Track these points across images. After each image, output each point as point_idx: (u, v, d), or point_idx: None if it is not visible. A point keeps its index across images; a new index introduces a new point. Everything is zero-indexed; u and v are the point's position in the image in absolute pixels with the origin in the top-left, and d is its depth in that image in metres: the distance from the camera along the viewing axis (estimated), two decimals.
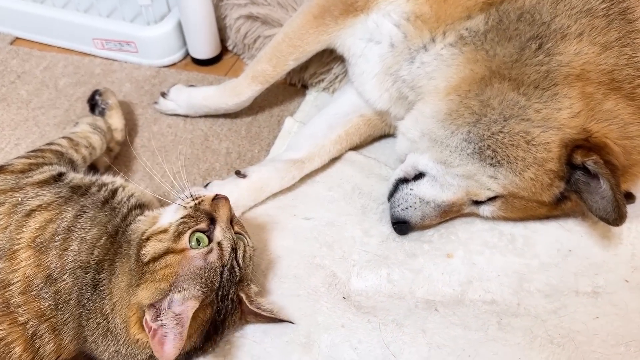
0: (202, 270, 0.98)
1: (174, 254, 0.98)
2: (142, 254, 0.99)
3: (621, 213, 1.10)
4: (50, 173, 1.13)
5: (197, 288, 0.96)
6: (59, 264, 1.00)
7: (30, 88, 1.74)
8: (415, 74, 1.29)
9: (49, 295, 0.99)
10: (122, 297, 0.99)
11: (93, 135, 1.34)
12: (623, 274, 1.24)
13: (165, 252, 0.98)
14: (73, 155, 1.25)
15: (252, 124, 1.64)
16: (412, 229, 1.30)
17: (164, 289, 0.95)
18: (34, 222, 1.02)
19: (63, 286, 1.00)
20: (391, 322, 1.14)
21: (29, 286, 0.99)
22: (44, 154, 1.21)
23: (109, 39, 1.80)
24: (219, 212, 1.05)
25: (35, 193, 1.07)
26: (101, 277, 1.02)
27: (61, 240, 1.02)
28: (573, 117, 1.11)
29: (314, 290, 1.20)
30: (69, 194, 1.09)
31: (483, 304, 1.19)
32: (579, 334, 1.13)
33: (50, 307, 1.00)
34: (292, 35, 1.44)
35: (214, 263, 0.99)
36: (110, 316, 0.99)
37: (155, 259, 0.97)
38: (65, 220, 1.04)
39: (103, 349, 1.00)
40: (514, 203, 1.21)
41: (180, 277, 0.96)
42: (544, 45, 1.14)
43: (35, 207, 1.04)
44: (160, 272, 0.96)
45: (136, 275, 0.98)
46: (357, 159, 1.49)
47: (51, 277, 1.00)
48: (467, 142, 1.17)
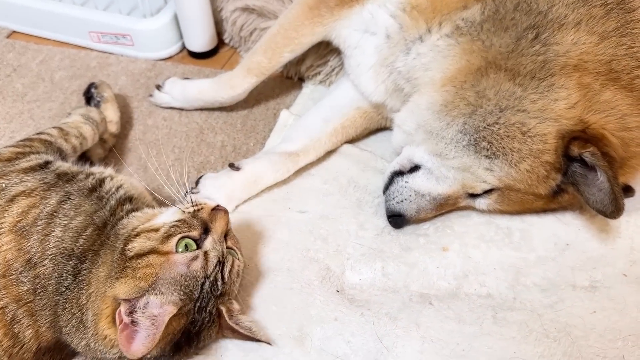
0: (183, 278, 0.95)
1: (158, 254, 0.95)
2: (128, 249, 0.97)
3: (619, 206, 1.08)
4: (36, 161, 1.13)
5: (176, 294, 0.93)
6: (39, 249, 1.00)
7: (26, 81, 1.73)
8: (411, 65, 1.28)
9: (28, 280, 0.99)
10: (99, 287, 0.96)
11: (84, 125, 1.33)
12: (621, 267, 1.22)
13: (150, 251, 0.96)
14: (62, 144, 1.24)
15: (247, 117, 1.63)
16: (408, 223, 1.28)
17: (143, 287, 0.92)
18: (17, 207, 1.03)
19: (43, 271, 1.00)
20: (385, 316, 1.13)
21: (9, 270, 0.99)
22: (32, 142, 1.20)
23: (105, 32, 1.79)
24: (215, 224, 1.02)
25: (19, 179, 1.07)
26: (83, 266, 1.00)
27: (43, 225, 1.01)
28: (570, 108, 1.09)
29: (307, 284, 1.19)
30: (54, 179, 1.09)
31: (478, 297, 1.18)
32: (576, 328, 1.12)
33: (29, 291, 0.99)
34: (287, 26, 1.42)
35: (197, 272, 0.96)
36: (85, 307, 0.97)
37: (139, 256, 0.95)
38: (48, 205, 1.04)
39: (77, 342, 0.98)
40: (510, 196, 1.19)
41: (160, 280, 0.93)
42: (541, 35, 1.13)
43: (19, 193, 1.05)
44: (141, 270, 0.94)
45: (117, 268, 0.95)
46: (353, 152, 1.48)
47: (31, 262, 0.99)
48: (463, 133, 1.16)
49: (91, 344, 0.96)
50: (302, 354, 1.08)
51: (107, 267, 0.98)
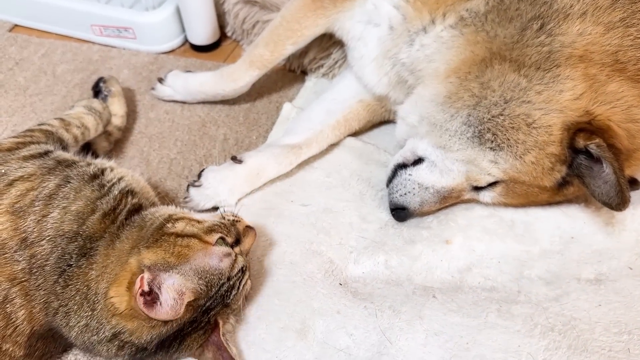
0: (211, 270, 0.98)
1: (200, 241, 1.00)
2: (168, 226, 1.01)
3: (624, 198, 1.07)
4: (36, 150, 1.13)
5: (198, 283, 0.96)
6: (36, 229, 1.00)
7: (28, 75, 1.72)
8: (415, 57, 1.26)
9: (23, 259, 0.99)
10: (120, 258, 0.98)
11: (87, 116, 1.33)
12: (627, 261, 1.21)
13: (192, 235, 1.00)
14: (63, 134, 1.24)
15: (250, 110, 1.62)
16: (411, 216, 1.27)
17: (171, 263, 0.95)
18: (15, 190, 1.03)
19: (40, 251, 1.00)
20: (388, 309, 1.12)
21: (3, 248, 0.99)
22: (33, 133, 1.20)
23: (107, 25, 1.78)
24: (246, 239, 1.10)
25: (18, 165, 1.08)
26: (97, 244, 1.01)
27: (41, 207, 1.02)
28: (575, 99, 1.08)
29: (310, 277, 1.19)
30: (53, 164, 1.09)
31: (482, 290, 1.17)
32: (581, 321, 1.11)
33: (24, 270, 0.99)
34: (289, 18, 1.41)
35: (224, 270, 0.99)
36: (95, 281, 0.97)
37: (178, 235, 0.99)
38: (46, 188, 1.04)
39: (74, 323, 0.98)
40: (514, 188, 1.18)
41: (191, 264, 0.96)
42: (546, 25, 1.11)
43: (18, 178, 1.05)
44: (178, 247, 0.97)
45: (150, 239, 0.98)
46: (356, 145, 1.47)
47: (27, 241, 0.99)
48: (467, 125, 1.15)
49: (92, 323, 0.96)
50: (305, 347, 1.07)
51: (132, 241, 1.00)
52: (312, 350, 1.07)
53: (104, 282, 0.97)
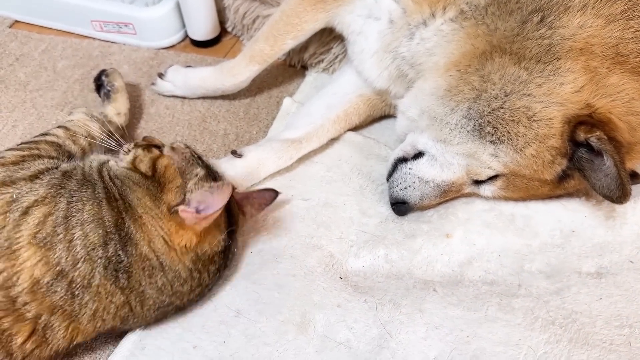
0: (184, 157, 1.09)
1: (160, 158, 1.08)
2: (144, 172, 1.06)
3: (625, 191, 1.07)
4: (46, 166, 1.08)
5: (197, 167, 1.08)
6: (69, 257, 0.97)
7: (29, 70, 1.72)
8: (415, 50, 1.26)
9: (62, 288, 0.97)
10: (155, 216, 1.03)
11: (91, 122, 1.27)
12: (628, 254, 1.21)
13: (152, 161, 1.07)
14: (71, 147, 1.20)
15: (250, 106, 1.62)
16: (411, 210, 1.27)
17: (180, 184, 1.04)
18: (31, 218, 0.99)
19: (78, 274, 0.98)
20: (388, 302, 1.12)
21: (38, 284, 0.96)
22: (38, 145, 1.15)
23: (108, 21, 1.78)
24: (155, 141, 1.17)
25: (29, 188, 1.03)
26: (126, 226, 1.02)
27: (63, 232, 0.98)
28: (576, 92, 1.08)
29: (310, 271, 1.18)
30: (59, 180, 1.05)
31: (483, 284, 1.17)
32: (582, 315, 1.10)
33: (63, 298, 0.98)
34: (289, 13, 1.41)
35: (184, 152, 1.11)
36: (150, 249, 1.02)
37: (154, 169, 1.06)
38: (61, 210, 1.01)
39: (151, 293, 1.04)
40: (515, 182, 1.18)
41: (180, 168, 1.07)
42: (546, 18, 1.11)
43: (32, 203, 1.01)
44: (166, 173, 1.05)
45: (155, 188, 1.04)
46: (356, 139, 1.47)
47: (63, 272, 0.97)
48: (467, 119, 1.14)
49: (169, 276, 1.04)
50: (305, 341, 1.07)
51: (148, 195, 1.05)
52: (313, 344, 1.07)
53: (159, 242, 1.03)
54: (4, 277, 0.95)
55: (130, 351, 1.07)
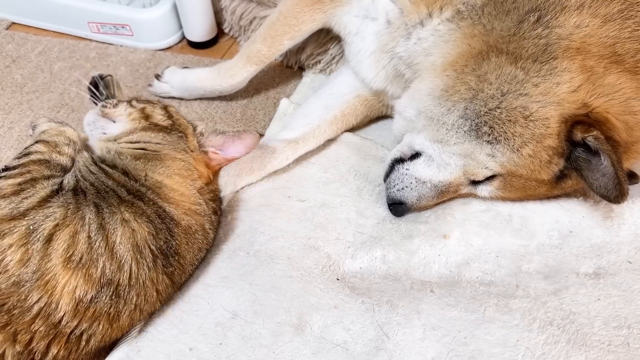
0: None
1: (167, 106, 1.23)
2: (163, 123, 1.18)
3: (623, 190, 1.07)
4: (50, 189, 1.02)
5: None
6: (113, 265, 0.96)
7: (25, 72, 1.72)
8: (412, 50, 1.26)
9: (107, 296, 0.96)
10: (187, 169, 1.13)
11: (65, 128, 1.18)
12: (626, 255, 1.20)
13: (163, 108, 1.21)
14: (59, 159, 1.11)
15: (247, 107, 1.61)
16: (409, 211, 1.26)
17: (192, 129, 1.22)
18: (58, 244, 0.95)
19: (125, 276, 0.97)
20: (386, 303, 1.11)
21: (81, 303, 0.95)
22: (28, 167, 1.06)
23: (105, 23, 1.78)
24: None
25: (43, 215, 0.97)
26: (165, 210, 1.06)
27: (103, 243, 0.96)
28: (573, 92, 1.07)
29: (307, 272, 1.18)
30: (73, 198, 1.01)
31: (480, 285, 1.16)
32: (580, 316, 1.10)
33: (108, 303, 0.97)
34: (286, 14, 1.41)
35: None
36: (184, 213, 1.09)
37: (169, 115, 1.20)
38: (92, 222, 0.98)
39: (191, 258, 1.11)
40: (512, 182, 1.18)
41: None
42: (543, 17, 1.11)
43: (53, 229, 0.96)
44: (179, 118, 1.21)
45: (180, 136, 1.17)
46: (354, 140, 1.46)
47: (108, 281, 0.96)
48: (464, 119, 1.14)
49: (203, 226, 1.13)
50: (302, 342, 1.06)
51: (177, 152, 1.14)
52: (309, 345, 1.06)
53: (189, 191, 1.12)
54: (40, 306, 0.93)
55: (126, 353, 1.06)
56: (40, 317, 0.93)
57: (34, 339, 0.93)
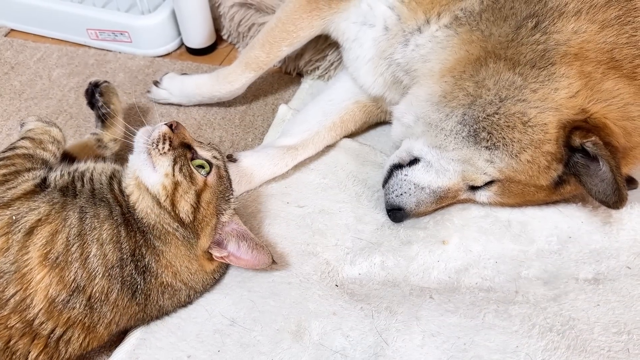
0: (223, 186, 1.09)
1: (204, 192, 1.03)
2: (184, 217, 1.02)
3: (621, 196, 1.06)
4: (33, 182, 1.04)
5: (229, 203, 1.09)
6: (85, 274, 0.96)
7: (24, 79, 1.72)
8: (410, 57, 1.26)
9: (80, 304, 0.97)
10: (188, 259, 1.05)
11: (51, 128, 1.19)
12: (625, 260, 1.20)
13: (197, 196, 1.03)
14: (43, 154, 1.13)
15: (246, 113, 1.61)
16: (407, 216, 1.26)
17: (215, 223, 1.06)
18: (38, 238, 0.96)
19: (97, 289, 0.97)
20: (384, 310, 1.11)
21: (54, 303, 0.95)
22: (13, 160, 1.08)
23: (103, 29, 1.78)
24: (186, 137, 1.09)
25: (28, 207, 0.99)
26: (145, 262, 1.02)
27: (79, 250, 0.96)
28: (571, 97, 1.08)
29: (305, 278, 1.17)
30: (61, 198, 1.02)
31: (479, 291, 1.16)
32: (580, 321, 1.09)
33: (82, 312, 0.97)
34: (285, 20, 1.41)
35: (224, 175, 1.10)
36: (175, 279, 1.05)
37: (196, 209, 1.02)
38: (72, 226, 0.98)
39: (169, 305, 1.08)
40: (511, 188, 1.18)
41: (217, 202, 1.06)
42: (541, 23, 1.11)
43: (35, 223, 0.97)
44: (207, 213, 1.03)
45: (193, 235, 1.03)
46: (352, 146, 1.46)
47: (79, 287, 0.96)
48: (462, 124, 1.14)
49: (191, 288, 1.09)
50: (301, 349, 1.06)
51: (183, 246, 1.04)
52: (308, 352, 1.06)
53: (187, 274, 1.06)
54: (16, 300, 0.94)
55: None
56: (16, 312, 0.94)
57: (12, 336, 0.94)
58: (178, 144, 1.05)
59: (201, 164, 1.06)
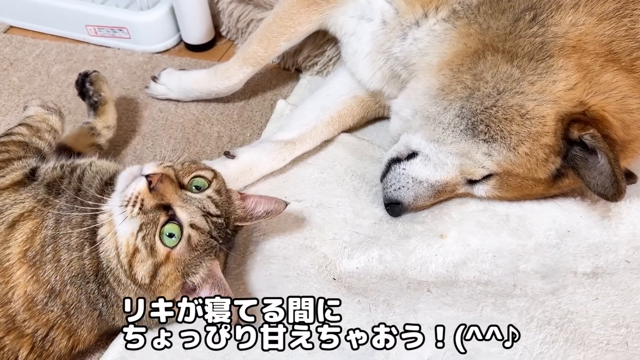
0: (197, 251, 0.97)
1: (164, 265, 0.94)
2: (140, 280, 0.94)
3: (620, 188, 1.06)
4: (22, 171, 1.04)
5: (205, 261, 0.98)
6: (58, 277, 0.96)
7: (23, 75, 1.72)
8: (408, 50, 1.26)
9: (57, 307, 0.97)
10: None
11: (50, 116, 1.19)
12: (624, 254, 1.20)
13: (155, 268, 0.94)
14: (38, 143, 1.13)
15: (244, 108, 1.61)
16: (405, 210, 1.26)
17: (179, 285, 0.97)
18: (19, 234, 0.96)
19: (69, 296, 0.97)
20: (382, 303, 1.11)
21: (33, 302, 0.96)
22: (7, 147, 1.09)
23: (102, 26, 1.78)
24: (166, 197, 0.94)
25: (13, 200, 0.99)
26: (106, 290, 0.98)
27: (52, 252, 0.97)
28: (569, 90, 1.07)
29: (303, 272, 1.17)
30: (45, 195, 1.01)
31: (477, 284, 1.16)
32: (578, 315, 1.09)
33: (61, 317, 0.97)
34: (282, 15, 1.41)
35: (200, 239, 0.97)
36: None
37: (153, 276, 0.95)
38: (49, 228, 0.98)
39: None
40: (509, 181, 1.17)
41: (185, 270, 0.96)
42: (539, 16, 1.11)
43: (18, 217, 0.98)
44: (166, 281, 0.96)
45: (149, 294, 0.97)
46: (350, 140, 1.46)
47: (54, 290, 0.96)
48: (460, 117, 1.14)
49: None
50: None
51: (138, 297, 0.97)
52: None
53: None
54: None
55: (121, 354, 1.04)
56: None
57: None
58: (152, 207, 0.93)
59: (172, 232, 0.94)
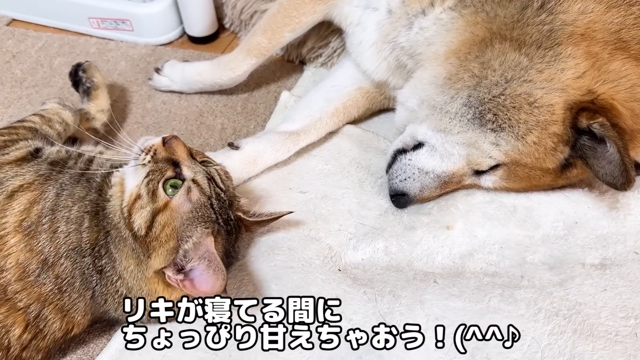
0: (194, 211, 0.97)
1: (161, 212, 0.95)
2: (136, 230, 0.96)
3: (629, 177, 1.05)
4: (27, 149, 1.08)
5: (200, 227, 0.97)
6: (52, 248, 0.97)
7: (25, 67, 1.71)
8: (414, 40, 1.25)
9: (50, 281, 0.97)
10: (138, 277, 0.98)
11: (63, 111, 1.26)
12: (632, 245, 1.18)
13: (152, 215, 0.96)
14: (48, 131, 1.19)
15: (248, 100, 1.60)
16: (411, 202, 1.25)
17: (173, 246, 0.95)
18: (17, 204, 0.99)
19: (62, 270, 0.97)
20: (388, 294, 1.10)
21: (25, 272, 0.96)
22: (17, 130, 1.14)
23: (105, 18, 1.77)
24: (177, 153, 1.01)
25: (14, 172, 1.03)
26: (102, 262, 0.99)
27: (49, 223, 0.98)
28: (578, 78, 1.06)
29: (308, 263, 1.16)
30: (48, 171, 1.04)
31: (484, 276, 1.14)
32: (586, 306, 1.08)
33: (53, 291, 0.97)
34: (287, 5, 1.40)
35: (200, 199, 0.98)
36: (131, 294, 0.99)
37: (150, 227, 0.95)
38: (48, 200, 1.00)
39: None
40: (516, 171, 1.16)
41: (181, 229, 0.96)
42: (547, 3, 1.10)
43: (17, 188, 1.00)
44: (161, 235, 0.95)
45: (143, 251, 0.97)
46: (355, 132, 1.45)
47: (47, 262, 0.97)
48: (467, 107, 1.12)
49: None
50: None
51: (133, 259, 0.98)
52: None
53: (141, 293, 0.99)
54: None
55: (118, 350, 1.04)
56: None
57: None
58: (162, 158, 1.00)
59: (175, 184, 0.98)
